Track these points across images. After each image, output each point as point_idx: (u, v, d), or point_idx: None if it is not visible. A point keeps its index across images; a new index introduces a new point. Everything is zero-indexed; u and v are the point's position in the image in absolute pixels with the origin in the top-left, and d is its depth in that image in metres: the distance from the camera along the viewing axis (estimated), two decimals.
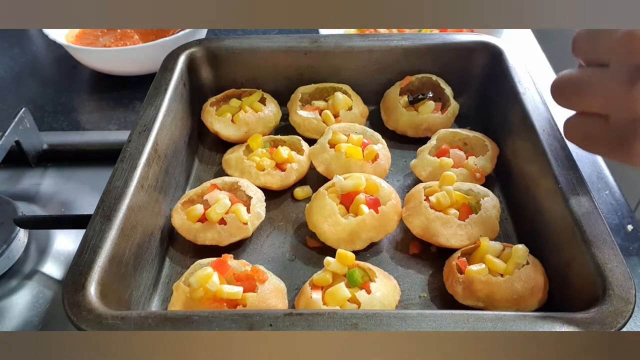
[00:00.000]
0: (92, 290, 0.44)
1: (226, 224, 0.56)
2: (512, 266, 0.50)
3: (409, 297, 0.54)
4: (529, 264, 0.51)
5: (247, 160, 0.64)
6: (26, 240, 0.61)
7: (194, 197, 0.60)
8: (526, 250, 0.51)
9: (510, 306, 0.49)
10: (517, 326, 0.41)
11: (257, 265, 0.53)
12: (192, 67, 0.72)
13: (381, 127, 0.72)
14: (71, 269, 0.45)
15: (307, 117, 0.70)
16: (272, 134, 0.71)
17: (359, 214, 0.56)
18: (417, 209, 0.56)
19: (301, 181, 0.66)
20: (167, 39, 0.86)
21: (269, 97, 0.73)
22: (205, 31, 0.97)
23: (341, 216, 0.56)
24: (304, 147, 0.66)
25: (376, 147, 0.64)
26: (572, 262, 0.48)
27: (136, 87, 0.90)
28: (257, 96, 0.72)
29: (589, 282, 0.45)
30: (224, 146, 0.69)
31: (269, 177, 0.63)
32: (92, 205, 0.52)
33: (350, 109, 0.71)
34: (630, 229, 0.64)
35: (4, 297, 0.57)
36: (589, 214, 0.49)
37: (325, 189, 0.58)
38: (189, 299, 0.49)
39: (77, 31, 0.95)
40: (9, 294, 0.57)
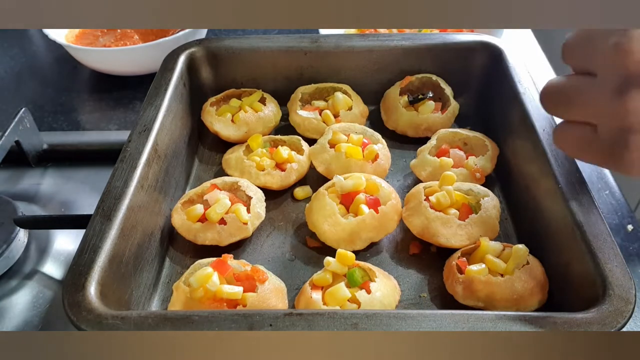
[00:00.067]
0: (92, 290, 0.44)
1: (226, 224, 0.56)
2: (512, 266, 0.50)
3: (409, 297, 0.54)
4: (529, 264, 0.51)
5: (247, 160, 0.64)
6: (26, 240, 0.61)
7: (194, 197, 0.60)
8: (526, 250, 0.51)
9: (510, 306, 0.49)
10: (517, 326, 0.41)
11: (257, 265, 0.53)
12: (192, 67, 0.72)
13: (381, 127, 0.72)
14: (71, 269, 0.46)
15: (307, 117, 0.70)
16: (272, 134, 0.71)
17: (359, 214, 0.56)
18: (417, 209, 0.56)
19: (301, 181, 0.66)
20: (167, 39, 0.86)
21: (269, 97, 0.73)
22: (205, 31, 0.97)
23: (341, 216, 0.56)
24: (304, 147, 0.66)
25: (376, 147, 0.64)
26: (572, 262, 0.48)
27: (136, 87, 0.90)
28: (257, 96, 0.72)
29: (589, 282, 0.45)
30: (224, 146, 0.69)
31: (269, 177, 0.63)
32: (92, 205, 0.52)
33: (350, 109, 0.71)
34: (630, 229, 0.64)
35: (4, 297, 0.57)
36: (589, 214, 0.49)
37: (325, 189, 0.58)
38: (189, 299, 0.49)
39: (77, 31, 0.95)
40: (9, 294, 0.57)
